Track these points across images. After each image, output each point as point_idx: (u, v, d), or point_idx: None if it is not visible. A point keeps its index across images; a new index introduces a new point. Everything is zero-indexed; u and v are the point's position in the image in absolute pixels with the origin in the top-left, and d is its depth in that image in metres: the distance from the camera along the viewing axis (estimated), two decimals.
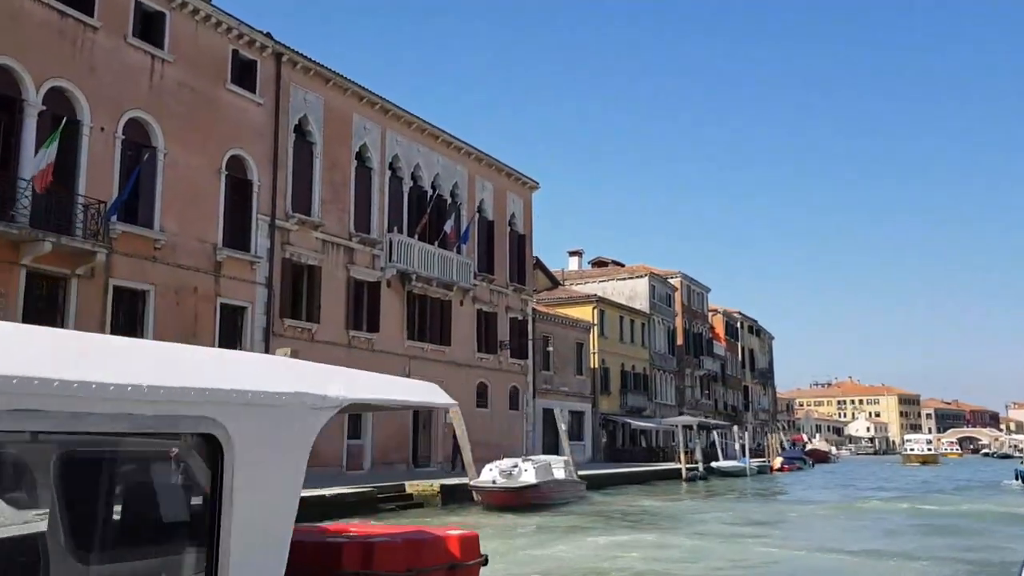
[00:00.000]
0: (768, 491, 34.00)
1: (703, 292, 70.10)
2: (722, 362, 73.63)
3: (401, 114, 30.36)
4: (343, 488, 19.19)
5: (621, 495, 28.27)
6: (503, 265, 36.58)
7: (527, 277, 38.34)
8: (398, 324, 29.53)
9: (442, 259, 31.54)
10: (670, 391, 59.73)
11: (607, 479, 32.46)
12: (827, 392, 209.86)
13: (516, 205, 38.12)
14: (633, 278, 57.81)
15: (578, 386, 45.60)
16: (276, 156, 24.85)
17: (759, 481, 42.03)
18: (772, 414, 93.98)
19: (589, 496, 26.23)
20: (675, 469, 39.16)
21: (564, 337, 44.74)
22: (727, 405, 74.51)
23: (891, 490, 34.39)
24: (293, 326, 24.99)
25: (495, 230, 36.15)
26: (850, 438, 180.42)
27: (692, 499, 27.71)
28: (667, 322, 60.01)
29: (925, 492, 34.24)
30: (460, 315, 33.07)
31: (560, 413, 29.37)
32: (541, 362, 42.51)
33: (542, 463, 22.58)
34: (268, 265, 24.22)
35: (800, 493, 33.74)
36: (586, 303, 49.71)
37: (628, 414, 50.87)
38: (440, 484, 21.98)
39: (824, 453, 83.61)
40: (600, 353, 49.12)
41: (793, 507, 24.33)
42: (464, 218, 33.73)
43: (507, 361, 36.30)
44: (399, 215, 30.18)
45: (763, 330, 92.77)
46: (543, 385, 42.44)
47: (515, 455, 35.18)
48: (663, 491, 31.86)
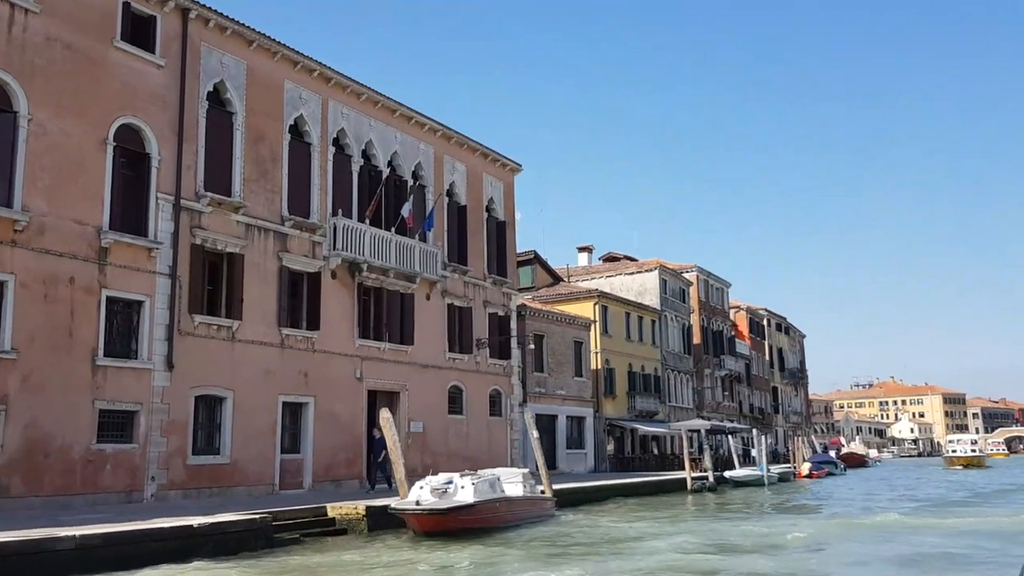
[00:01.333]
0: (781, 503, 29.81)
1: (723, 287, 65.72)
2: (747, 362, 69.15)
3: (347, 83, 26.85)
4: (225, 516, 15.55)
5: (604, 512, 24.36)
6: (479, 255, 32.88)
7: (509, 268, 34.59)
8: (346, 321, 25.96)
9: (402, 247, 27.94)
10: (686, 393, 55.47)
11: (594, 493, 28.52)
12: (868, 393, 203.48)
13: (495, 189, 34.42)
14: (642, 272, 53.77)
15: (577, 389, 41.71)
16: (182, 127, 21.42)
17: (779, 491, 37.74)
18: (805, 416, 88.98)
19: (559, 515, 22.37)
20: (681, 479, 35.05)
21: (560, 336, 40.91)
22: (753, 407, 69.94)
23: (921, 500, 29.92)
24: (207, 323, 21.51)
25: (468, 216, 32.47)
26: (893, 440, 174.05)
27: (684, 516, 23.68)
28: (681, 319, 55.81)
29: (960, 500, 29.83)
30: (426, 310, 29.43)
31: (530, 418, 25.55)
32: (533, 363, 38.75)
33: (486, 478, 18.75)
34: (172, 252, 20.77)
35: (816, 505, 29.54)
36: (586, 299, 45.82)
37: (637, 418, 46.80)
38: (366, 506, 18.26)
39: (861, 457, 78.55)
40: (603, 353, 45.17)
41: (794, 525, 20.27)
42: (430, 202, 30.11)
43: (486, 362, 32.56)
44: (347, 197, 26.64)
45: (793, 327, 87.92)
46: (536, 388, 38.65)
47: (497, 467, 31.48)
48: (659, 505, 27.86)
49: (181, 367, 20.58)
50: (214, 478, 21.29)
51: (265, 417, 22.76)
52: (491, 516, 18.10)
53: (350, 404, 25.76)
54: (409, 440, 28.03)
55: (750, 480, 38.92)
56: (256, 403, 22.49)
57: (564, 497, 25.87)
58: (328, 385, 24.91)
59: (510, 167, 35.34)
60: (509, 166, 35.26)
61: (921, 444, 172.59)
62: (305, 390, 24.15)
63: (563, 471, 39.53)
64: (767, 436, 73.02)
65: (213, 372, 21.46)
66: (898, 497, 33.08)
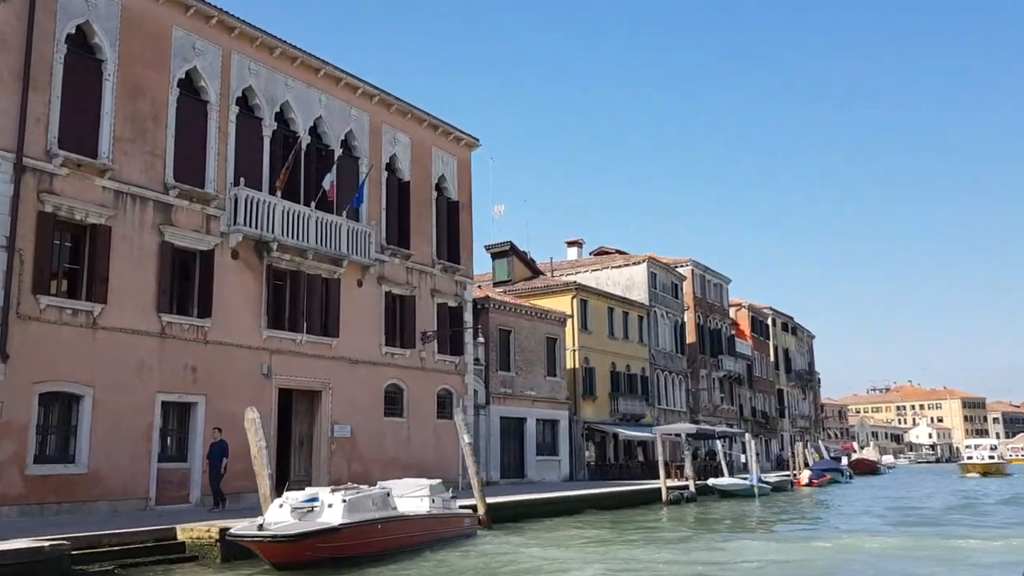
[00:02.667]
0: (764, 518, 25.92)
1: (721, 283, 61.78)
2: (748, 363, 65.14)
3: (255, 35, 23.31)
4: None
5: (540, 531, 20.62)
6: (426, 238, 29.27)
7: (463, 254, 30.94)
8: (250, 308, 22.39)
9: (325, 226, 24.38)
10: (679, 395, 51.57)
11: (545, 506, 24.77)
12: (885, 398, 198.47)
13: (447, 165, 30.81)
14: (630, 265, 49.98)
15: (550, 389, 37.99)
16: (28, 72, 17.95)
17: (769, 502, 33.82)
18: (814, 421, 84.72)
19: (482, 535, 18.68)
20: (658, 489, 31.23)
21: (530, 331, 37.23)
22: (756, 411, 65.90)
23: (914, 514, 25.79)
24: (58, 306, 17.97)
25: (413, 194, 28.88)
26: (910, 445, 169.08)
27: (638, 537, 19.81)
28: (674, 316, 51.95)
29: (960, 517, 25.88)
30: (357, 299, 25.84)
31: (461, 420, 21.91)
32: (498, 360, 35.10)
33: (367, 493, 15.06)
34: (10, 220, 17.28)
35: (800, 520, 25.68)
36: (564, 292, 42.11)
37: (620, 422, 43.00)
38: (220, 528, 14.62)
39: (872, 463, 74.16)
40: (581, 350, 41.44)
41: (755, 548, 16.52)
42: (363, 176, 26.56)
43: (434, 358, 28.91)
44: (255, 166, 23.10)
45: (801, 327, 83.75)
46: (501, 388, 35.00)
47: (445, 476, 27.91)
48: (623, 521, 24.10)
49: (20, 358, 17.06)
50: (65, 491, 17.73)
51: (138, 419, 19.19)
52: (368, 540, 14.42)
53: (255, 404, 22.12)
54: (333, 446, 24.45)
55: (738, 491, 35.00)
56: (125, 402, 18.92)
57: (504, 512, 22.21)
58: (224, 382, 21.33)
59: (465, 142, 31.71)
60: (464, 140, 31.64)
61: (939, 450, 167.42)
62: (193, 388, 20.57)
63: (532, 480, 35.83)
64: (772, 441, 68.93)
65: (66, 365, 17.92)
66: (894, 509, 29.04)
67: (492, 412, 34.36)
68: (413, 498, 16.92)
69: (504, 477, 34.44)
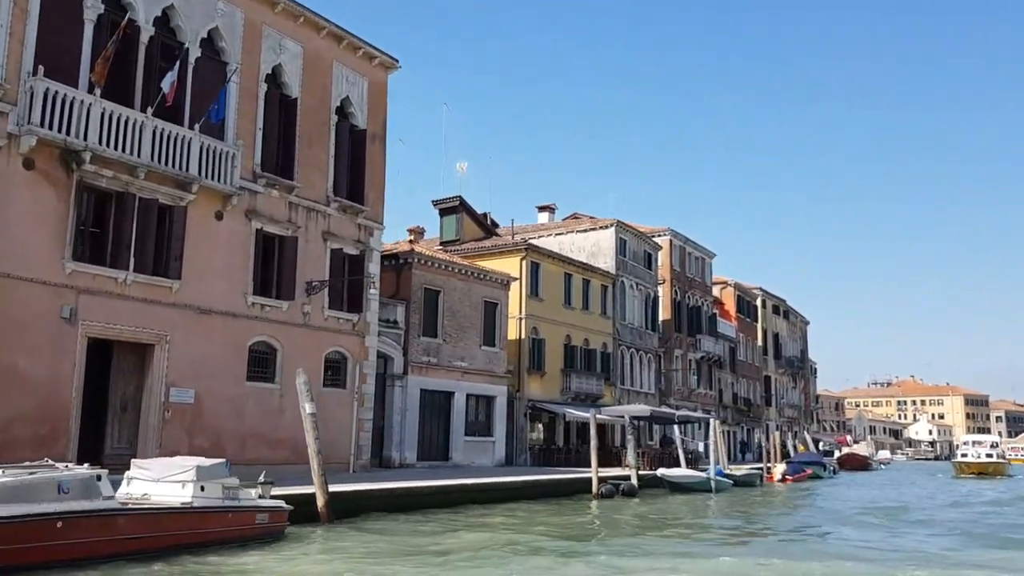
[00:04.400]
0: (692, 522, 20.96)
1: (704, 257, 56.76)
2: (731, 345, 60.27)
3: None
4: None
5: (406, 531, 15.88)
6: (320, 170, 24.41)
7: (371, 195, 26.07)
8: (48, 232, 17.58)
9: (168, 139, 19.50)
10: (647, 376, 46.72)
11: (428, 496, 19.98)
12: (886, 392, 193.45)
13: (353, 87, 25.86)
14: (596, 230, 45.02)
15: (486, 361, 33.19)
16: None
17: (728, 498, 28.99)
18: (804, 411, 79.85)
19: (291, 538, 13.95)
20: (590, 479, 26.47)
21: (464, 294, 32.39)
22: (738, 398, 61.09)
23: (864, 525, 20.78)
24: None
25: (303, 115, 23.99)
26: (909, 441, 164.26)
27: (502, 552, 14.97)
28: (645, 288, 47.02)
29: (924, 535, 21.07)
30: (214, 235, 21.02)
31: (303, 384, 17.04)
32: (421, 325, 30.30)
33: (35, 478, 10.26)
34: None
35: (732, 527, 20.85)
36: (512, 253, 37.23)
37: (572, 402, 38.20)
38: None
39: (863, 459, 69.18)
40: (529, 319, 36.61)
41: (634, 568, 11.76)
42: (233, 85, 21.67)
43: (323, 314, 24.12)
44: (67, 55, 18.21)
45: (794, 312, 78.75)
46: (423, 357, 30.24)
47: (333, 456, 23.30)
48: (522, 520, 19.34)
49: None
50: None
51: None
52: (37, 545, 9.66)
53: (49, 356, 17.42)
54: (168, 413, 19.69)
55: (691, 484, 30.15)
56: None
57: (364, 504, 17.52)
58: (4, 326, 16.60)
59: (380, 61, 26.73)
60: (378, 59, 26.66)
61: (939, 447, 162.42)
62: None
63: (458, 463, 31.13)
64: (755, 431, 64.02)
65: None
66: (855, 513, 24.02)
67: (410, 384, 29.59)
68: (173, 483, 12.15)
69: (423, 459, 29.75)
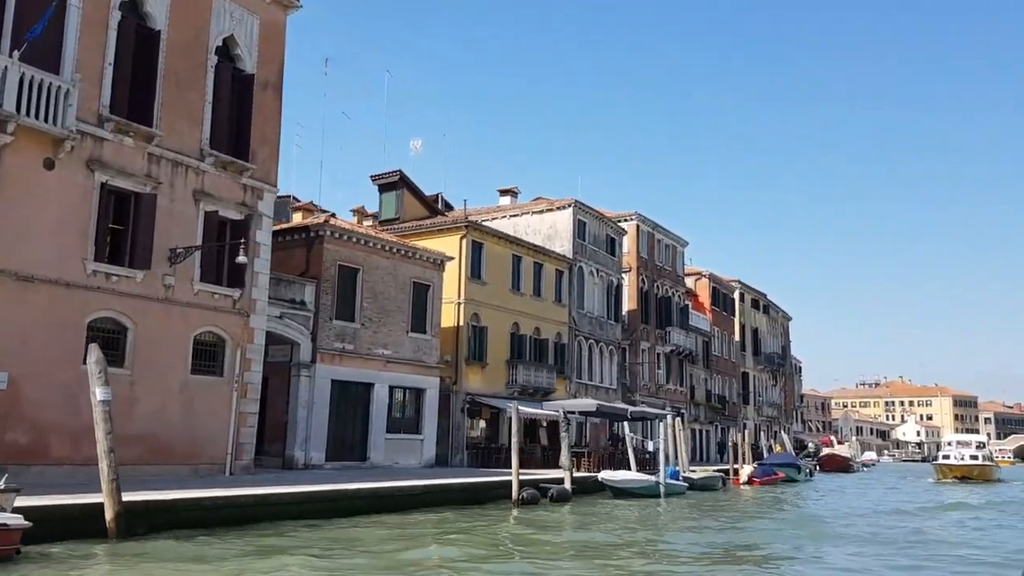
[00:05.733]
0: (598, 544, 17.20)
1: (675, 245, 53.16)
2: (705, 339, 56.74)
3: None
4: None
5: (214, 553, 12.23)
6: (192, 117, 20.70)
7: (259, 151, 22.35)
8: None
9: None
10: (608, 369, 43.08)
11: (258, 506, 16.25)
12: (874, 392, 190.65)
13: (240, 25, 22.14)
14: (553, 211, 41.39)
15: (415, 349, 29.50)
16: None
17: (679, 504, 25.36)
18: (784, 410, 76.39)
19: (43, 556, 10.38)
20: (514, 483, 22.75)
21: (389, 273, 28.72)
22: (712, 395, 57.55)
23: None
24: None
25: (170, 52, 20.25)
26: (897, 443, 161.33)
27: None
28: (607, 275, 43.39)
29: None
30: (39, 186, 17.31)
31: (96, 368, 13.42)
32: (334, 307, 26.63)
33: None
34: None
35: (605, 545, 17.19)
36: (452, 231, 33.57)
37: (519, 397, 34.51)
38: None
39: (845, 460, 65.77)
40: (469, 304, 32.96)
41: None
42: (75, 10, 17.94)
43: (193, 288, 20.41)
44: None
45: (775, 307, 75.34)
46: (336, 344, 26.57)
47: (204, 456, 19.74)
48: (383, 538, 15.70)
49: None
50: None
51: None
52: None
53: None
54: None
55: (637, 488, 26.49)
56: None
57: (174, 517, 13.85)
58: None
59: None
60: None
61: (927, 448, 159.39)
62: None
63: (378, 464, 27.47)
64: (730, 430, 60.57)
65: None
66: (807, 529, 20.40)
67: (319, 373, 25.90)
68: None
69: (334, 460, 26.07)
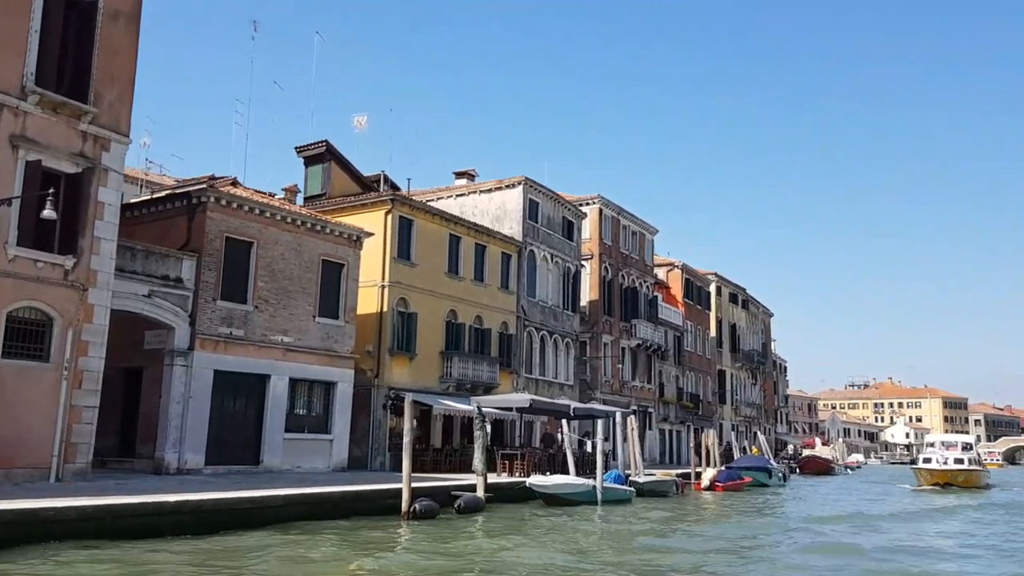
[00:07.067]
0: (511, 558, 13.60)
1: (643, 232, 49.53)
2: (677, 334, 53.16)
3: None
4: None
5: None
6: (10, 47, 17.02)
7: (107, 91, 18.65)
8: None
9: None
10: (564, 364, 39.44)
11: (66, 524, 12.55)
12: (863, 394, 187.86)
13: None
14: (502, 189, 37.76)
15: (323, 337, 25.80)
16: None
17: (616, 515, 21.71)
18: (764, 410, 72.90)
19: None
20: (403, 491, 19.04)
21: (293, 249, 25.03)
22: (684, 393, 53.95)
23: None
24: None
25: None
26: (885, 444, 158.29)
27: None
28: (564, 262, 39.76)
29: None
30: None
31: None
32: (219, 285, 22.92)
33: None
34: None
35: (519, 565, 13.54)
36: (377, 206, 29.91)
37: (455, 392, 30.87)
38: None
39: (826, 463, 62.38)
40: (395, 288, 29.27)
41: None
42: None
43: (8, 253, 16.71)
44: None
45: (755, 302, 71.90)
46: (220, 328, 22.84)
47: (30, 462, 15.97)
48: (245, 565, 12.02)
49: None
50: None
51: None
52: None
53: None
54: None
55: (570, 495, 22.84)
56: None
57: None
58: None
59: None
60: None
61: (915, 450, 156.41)
62: None
63: (273, 469, 23.76)
64: (705, 431, 57.03)
65: None
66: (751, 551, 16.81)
67: (198, 362, 22.18)
68: None
69: (217, 463, 22.36)
